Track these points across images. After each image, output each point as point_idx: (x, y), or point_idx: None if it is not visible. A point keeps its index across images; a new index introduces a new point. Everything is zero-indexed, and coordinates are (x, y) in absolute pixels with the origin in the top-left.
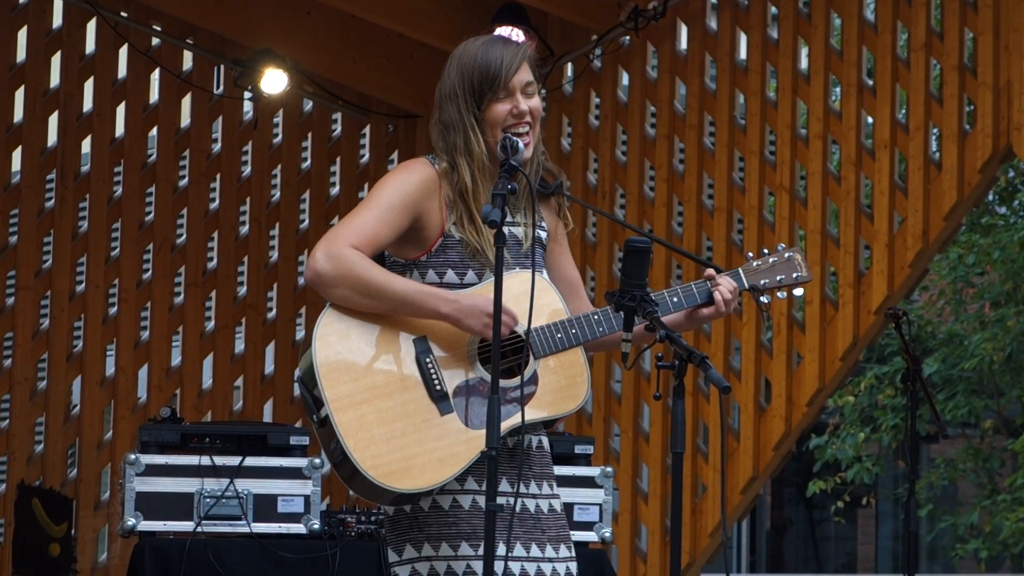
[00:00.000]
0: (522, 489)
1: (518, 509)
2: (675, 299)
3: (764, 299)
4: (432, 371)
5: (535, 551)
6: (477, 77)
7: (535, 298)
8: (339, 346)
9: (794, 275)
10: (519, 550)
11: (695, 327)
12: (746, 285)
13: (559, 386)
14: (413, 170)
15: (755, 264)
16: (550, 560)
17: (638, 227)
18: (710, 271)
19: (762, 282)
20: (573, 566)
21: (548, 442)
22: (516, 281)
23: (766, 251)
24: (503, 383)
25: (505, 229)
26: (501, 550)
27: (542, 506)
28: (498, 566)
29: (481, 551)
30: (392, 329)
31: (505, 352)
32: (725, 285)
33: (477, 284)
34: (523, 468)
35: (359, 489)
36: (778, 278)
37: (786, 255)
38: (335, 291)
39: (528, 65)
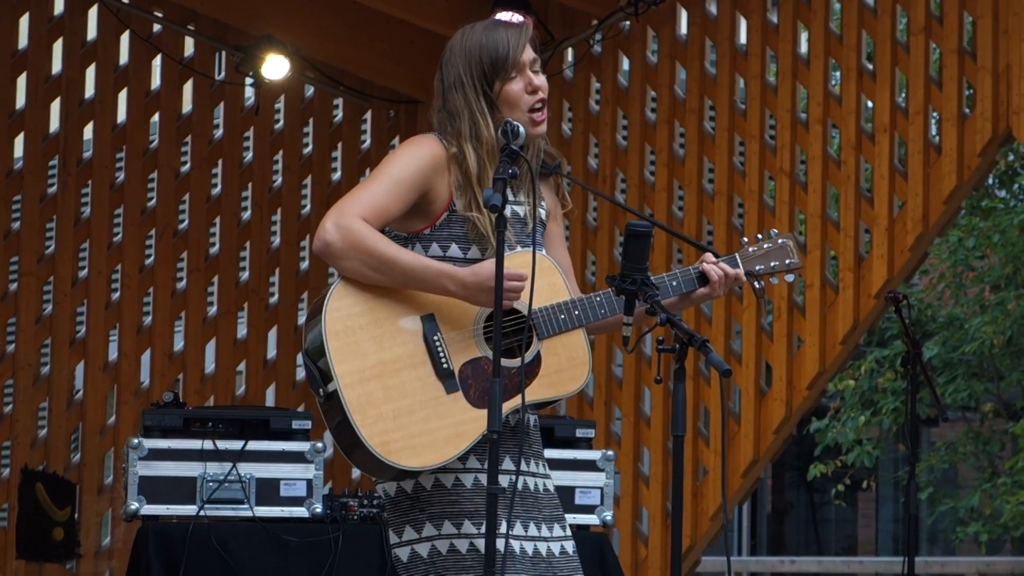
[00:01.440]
0: (522, 467)
1: (519, 487)
2: (674, 283)
3: (758, 284)
4: (439, 349)
5: (532, 530)
6: (487, 60)
7: (538, 277)
8: (349, 321)
9: (787, 261)
10: (518, 528)
11: (688, 307)
12: (742, 271)
13: (561, 367)
14: (423, 145)
15: (750, 250)
16: (546, 539)
17: (637, 210)
18: (708, 255)
19: (757, 267)
20: (570, 544)
21: (539, 421)
22: (518, 262)
23: (760, 236)
24: (507, 363)
25: (507, 209)
26: (503, 527)
27: (540, 485)
28: (500, 544)
29: (484, 529)
30: (401, 305)
31: (508, 332)
32: (723, 267)
33: (480, 260)
34: (523, 447)
35: (360, 463)
36: (771, 264)
37: (779, 241)
38: (343, 262)
39: (531, 44)
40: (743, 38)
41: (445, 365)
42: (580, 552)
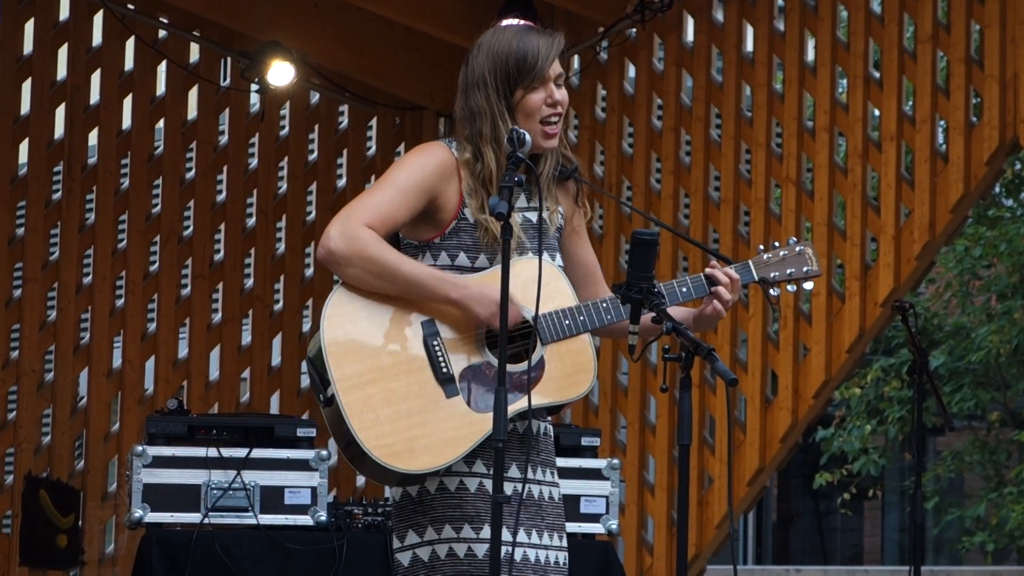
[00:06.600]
0: (528, 475)
1: (523, 495)
2: (684, 289)
3: (773, 292)
4: (439, 353)
5: (535, 537)
6: (513, 65)
7: (544, 284)
8: (348, 326)
9: (804, 269)
10: (521, 535)
11: (703, 330)
12: (756, 277)
13: (565, 372)
14: (430, 152)
15: (765, 257)
16: (546, 547)
17: (646, 214)
18: (713, 260)
19: (772, 275)
20: (564, 556)
21: (552, 430)
22: (526, 267)
23: (776, 244)
24: (510, 368)
25: (519, 216)
26: (506, 533)
27: (544, 493)
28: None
29: (483, 534)
30: (401, 310)
31: (513, 337)
32: (728, 271)
33: (488, 268)
34: (530, 454)
35: (366, 470)
36: (788, 271)
37: (797, 248)
38: (347, 270)
39: (558, 58)
40: (750, 46)
41: (444, 370)
42: (586, 561)
